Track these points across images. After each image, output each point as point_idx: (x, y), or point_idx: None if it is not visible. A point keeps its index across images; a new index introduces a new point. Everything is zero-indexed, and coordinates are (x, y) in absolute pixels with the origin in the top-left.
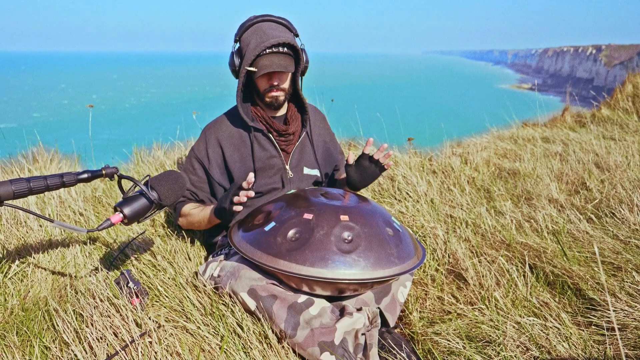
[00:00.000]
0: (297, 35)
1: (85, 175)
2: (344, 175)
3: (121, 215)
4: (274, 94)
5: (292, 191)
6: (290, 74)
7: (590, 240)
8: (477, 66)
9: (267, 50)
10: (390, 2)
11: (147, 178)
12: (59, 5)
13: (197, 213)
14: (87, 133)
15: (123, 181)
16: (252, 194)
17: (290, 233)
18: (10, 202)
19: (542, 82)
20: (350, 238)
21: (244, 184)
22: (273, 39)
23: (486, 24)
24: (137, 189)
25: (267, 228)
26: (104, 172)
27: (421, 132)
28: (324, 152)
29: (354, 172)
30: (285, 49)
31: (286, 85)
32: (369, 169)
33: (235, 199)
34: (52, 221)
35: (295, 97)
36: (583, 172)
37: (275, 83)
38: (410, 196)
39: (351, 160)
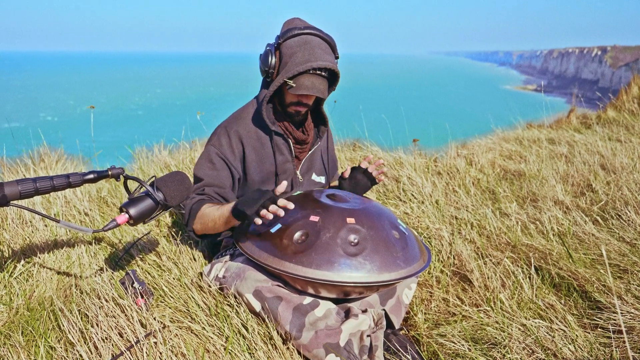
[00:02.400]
0: (337, 57)
1: (91, 176)
2: (334, 183)
3: (127, 215)
4: (299, 109)
5: (299, 192)
6: None
7: (596, 242)
8: (482, 67)
9: (311, 71)
10: (394, 3)
11: (153, 179)
12: (62, 5)
13: (211, 212)
14: (92, 133)
15: (129, 182)
16: (282, 213)
17: (297, 235)
18: (16, 202)
19: (547, 84)
20: (356, 241)
21: (279, 196)
22: (321, 62)
23: (491, 25)
24: (142, 189)
25: (273, 230)
26: (110, 172)
27: (426, 133)
28: (331, 162)
29: (347, 184)
30: (325, 72)
31: (311, 102)
32: (361, 181)
33: (263, 212)
34: (58, 221)
35: (314, 110)
36: (589, 173)
37: (305, 102)
38: (415, 197)
39: (347, 175)
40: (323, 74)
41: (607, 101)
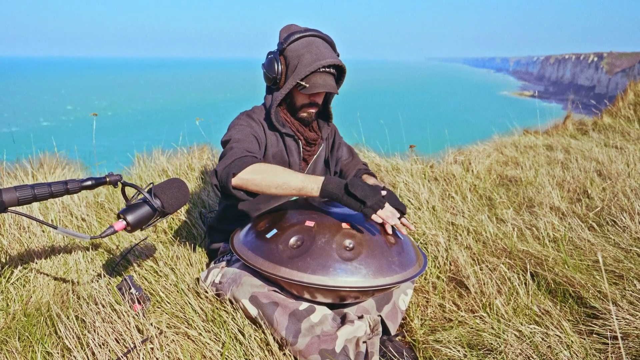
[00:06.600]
0: (338, 55)
1: (89, 183)
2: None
3: (124, 222)
4: (311, 110)
5: (295, 198)
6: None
7: (591, 248)
8: (479, 73)
9: (321, 69)
10: (392, 9)
11: (151, 186)
12: (60, 9)
13: (284, 171)
14: (90, 139)
15: (126, 188)
16: (391, 222)
17: (292, 240)
18: (14, 208)
19: (544, 90)
20: (351, 245)
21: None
22: (329, 60)
23: (488, 31)
24: (140, 196)
25: (269, 235)
26: (108, 179)
27: (423, 139)
28: (344, 158)
29: None
30: (333, 69)
31: (321, 101)
32: None
33: (380, 212)
34: (55, 228)
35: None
36: (585, 179)
37: (317, 101)
38: (411, 203)
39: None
40: (331, 71)
41: (603, 107)
